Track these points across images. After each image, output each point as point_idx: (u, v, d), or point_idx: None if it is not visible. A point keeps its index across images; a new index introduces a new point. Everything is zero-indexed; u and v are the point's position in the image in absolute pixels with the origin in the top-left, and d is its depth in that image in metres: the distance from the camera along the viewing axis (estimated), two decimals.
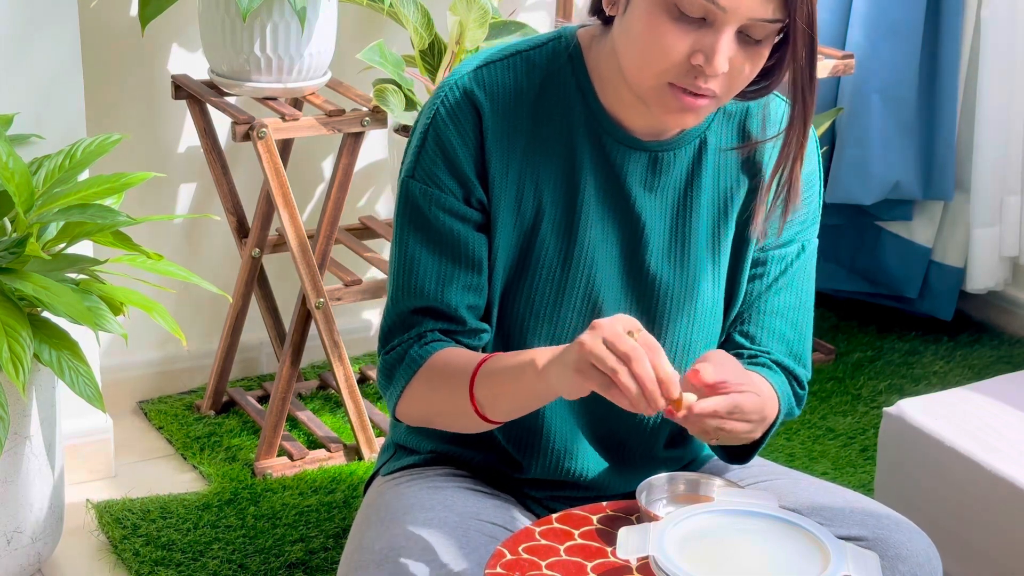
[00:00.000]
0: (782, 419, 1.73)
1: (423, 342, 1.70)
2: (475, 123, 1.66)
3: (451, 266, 1.69)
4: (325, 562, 2.44)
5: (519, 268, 1.71)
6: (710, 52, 1.53)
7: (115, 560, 2.48)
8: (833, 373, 3.22)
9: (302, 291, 2.72)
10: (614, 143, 1.69)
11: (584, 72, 1.68)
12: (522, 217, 1.69)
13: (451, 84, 1.68)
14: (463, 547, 1.65)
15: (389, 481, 1.83)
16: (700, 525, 1.52)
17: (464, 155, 1.67)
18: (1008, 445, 2.23)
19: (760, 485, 1.78)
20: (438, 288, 1.69)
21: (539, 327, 1.72)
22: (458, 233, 1.68)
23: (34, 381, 2.28)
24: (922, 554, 1.67)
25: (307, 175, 3.07)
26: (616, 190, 1.70)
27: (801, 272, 1.79)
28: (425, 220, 1.69)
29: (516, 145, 1.68)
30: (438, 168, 1.67)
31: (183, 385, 3.06)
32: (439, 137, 1.67)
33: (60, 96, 2.50)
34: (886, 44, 3.25)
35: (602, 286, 1.71)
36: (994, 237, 3.33)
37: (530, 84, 1.68)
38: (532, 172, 1.68)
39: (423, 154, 1.68)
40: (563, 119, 1.69)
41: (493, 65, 1.68)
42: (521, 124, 1.68)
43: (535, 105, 1.68)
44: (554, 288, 1.71)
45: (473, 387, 1.62)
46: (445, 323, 1.70)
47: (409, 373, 1.69)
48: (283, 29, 2.58)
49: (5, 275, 2.15)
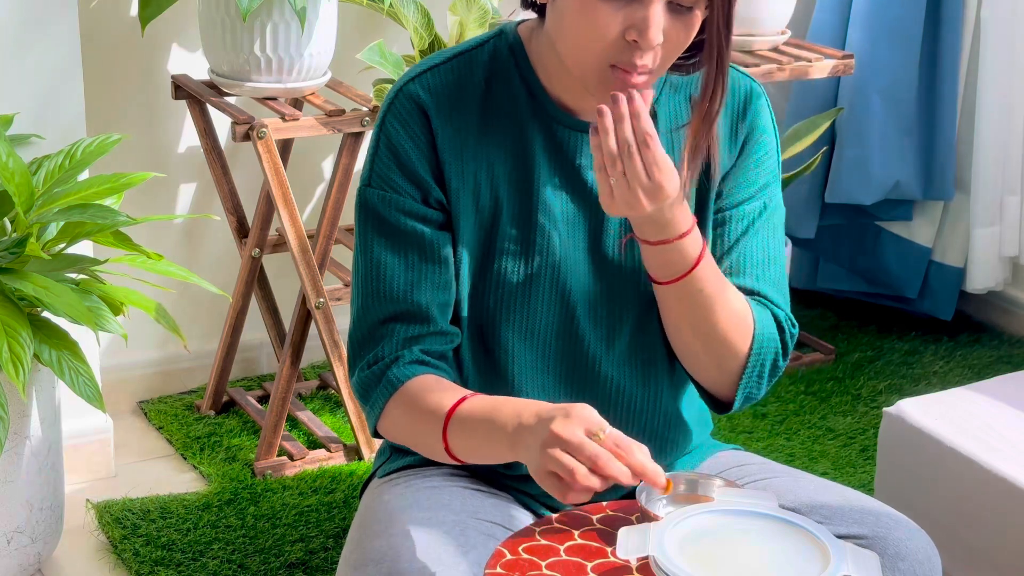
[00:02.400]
0: (765, 349, 1.72)
1: (401, 362, 1.70)
2: (424, 125, 1.69)
3: (418, 265, 1.71)
4: (325, 562, 2.44)
5: (484, 262, 1.73)
6: (643, 26, 1.56)
7: (115, 560, 2.48)
8: (833, 373, 3.22)
9: (302, 291, 2.72)
10: (564, 129, 1.71)
11: (527, 64, 1.71)
12: (481, 213, 1.72)
13: (397, 91, 1.71)
14: (462, 546, 1.65)
15: (386, 482, 1.83)
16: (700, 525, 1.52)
17: (417, 157, 1.70)
18: (1008, 445, 2.23)
19: (760, 484, 1.78)
20: (407, 289, 1.71)
21: (511, 317, 1.74)
22: (421, 232, 1.70)
23: (34, 381, 2.28)
24: (921, 552, 1.67)
25: (307, 175, 3.07)
26: (571, 175, 1.73)
27: (766, 225, 1.78)
28: (387, 225, 1.71)
29: (467, 143, 1.70)
30: (393, 173, 1.70)
31: (183, 385, 3.06)
32: (390, 143, 1.70)
33: (60, 96, 2.50)
34: (886, 44, 3.25)
35: (568, 271, 1.73)
36: (994, 237, 3.33)
37: (475, 82, 1.71)
38: (487, 167, 1.71)
39: (377, 161, 1.71)
40: (511, 112, 1.71)
41: (436, 69, 1.72)
42: (470, 121, 1.70)
43: (482, 102, 1.71)
44: (520, 278, 1.73)
45: (446, 433, 1.64)
46: (416, 326, 1.71)
47: (386, 395, 1.71)
48: (283, 29, 2.58)
49: (5, 275, 2.15)
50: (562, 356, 1.76)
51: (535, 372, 1.76)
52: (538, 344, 1.75)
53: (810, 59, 3.09)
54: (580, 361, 1.77)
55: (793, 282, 3.59)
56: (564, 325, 1.75)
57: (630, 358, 1.78)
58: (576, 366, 1.77)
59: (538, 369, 1.76)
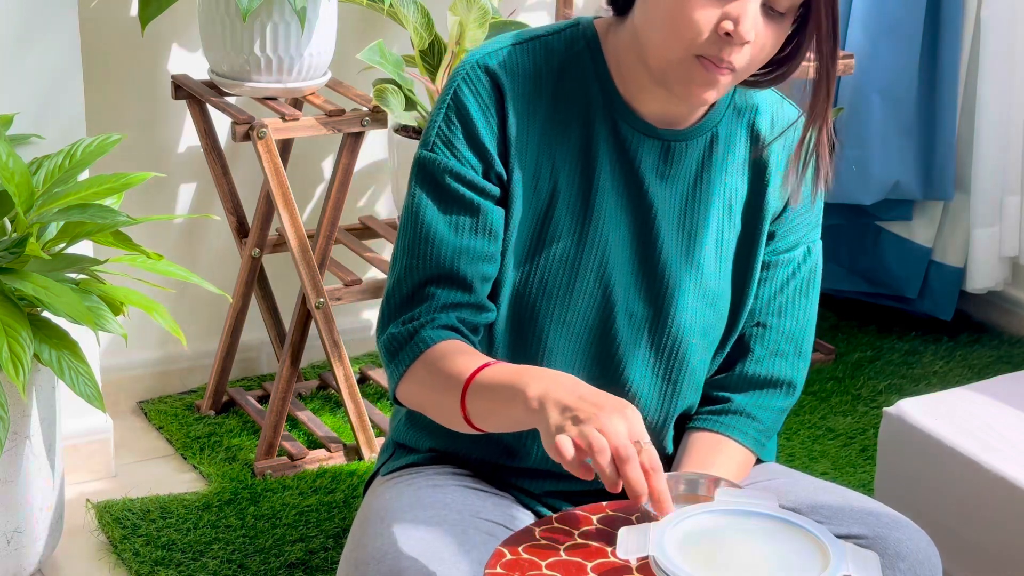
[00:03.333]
0: (763, 446, 1.82)
1: (434, 324, 1.69)
2: (497, 101, 1.69)
3: (468, 233, 1.70)
4: (325, 562, 2.44)
5: (533, 248, 1.73)
6: (737, 18, 1.58)
7: (115, 560, 2.48)
8: (833, 373, 3.22)
9: (302, 291, 2.72)
10: (629, 129, 1.72)
11: (602, 59, 1.72)
12: (538, 196, 1.72)
13: (473, 63, 1.71)
14: (463, 545, 1.65)
15: (388, 481, 1.83)
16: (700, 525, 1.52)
17: (485, 130, 1.69)
18: (1008, 445, 2.23)
19: (760, 485, 1.79)
20: (453, 256, 1.70)
21: (551, 308, 1.73)
22: (477, 204, 1.70)
23: (34, 381, 2.28)
24: (921, 552, 1.67)
25: (307, 175, 3.07)
26: (630, 175, 1.73)
27: (808, 277, 1.83)
28: (442, 190, 1.70)
29: (535, 126, 1.70)
30: (458, 141, 1.70)
31: (183, 385, 3.06)
32: (460, 112, 1.70)
33: (60, 96, 2.50)
34: (886, 44, 3.25)
35: (614, 269, 1.73)
36: (994, 237, 3.33)
37: (549, 68, 1.71)
38: (549, 153, 1.71)
39: (444, 127, 1.71)
40: (580, 103, 1.72)
41: (513, 48, 1.72)
42: (540, 106, 1.70)
43: (554, 88, 1.71)
44: (567, 269, 1.73)
45: (465, 398, 1.63)
46: (457, 292, 1.70)
47: (414, 354, 1.69)
48: (283, 29, 2.58)
49: (5, 275, 2.15)
50: (593, 353, 1.76)
51: (564, 364, 1.76)
52: (572, 337, 1.75)
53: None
54: (609, 361, 1.77)
55: None
56: (601, 323, 1.75)
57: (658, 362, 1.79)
58: (605, 365, 1.77)
59: (567, 362, 1.76)
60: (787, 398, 1.84)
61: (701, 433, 1.80)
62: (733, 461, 1.79)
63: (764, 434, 1.82)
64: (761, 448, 1.82)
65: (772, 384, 1.82)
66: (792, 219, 1.80)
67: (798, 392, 1.85)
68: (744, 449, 1.80)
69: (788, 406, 1.84)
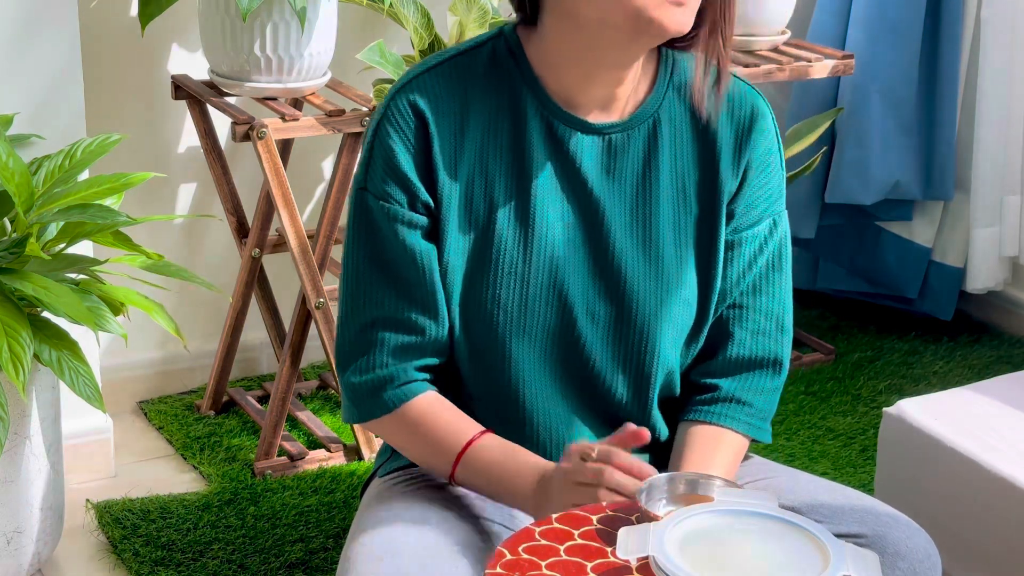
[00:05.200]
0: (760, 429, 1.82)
1: (396, 383, 1.72)
2: (418, 129, 1.69)
3: (406, 272, 1.71)
4: (325, 562, 2.44)
5: (480, 266, 1.73)
6: None
7: (115, 560, 2.48)
8: (833, 373, 3.23)
9: (302, 291, 2.72)
10: (566, 129, 1.71)
11: (527, 64, 1.71)
12: (475, 214, 1.71)
13: (393, 94, 1.71)
14: (463, 545, 1.65)
15: (387, 481, 1.83)
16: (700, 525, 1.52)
17: (407, 163, 1.69)
18: (1008, 445, 2.23)
19: (759, 483, 1.78)
20: (396, 300, 1.71)
21: (508, 321, 1.73)
22: (412, 241, 1.70)
23: (34, 381, 2.28)
24: (921, 551, 1.67)
25: (307, 175, 3.07)
26: (573, 175, 1.72)
27: (778, 255, 1.82)
28: (377, 231, 1.71)
29: (465, 145, 1.70)
30: (383, 177, 1.70)
31: (183, 385, 3.06)
32: (383, 148, 1.70)
33: (60, 96, 2.50)
34: (886, 44, 3.25)
35: (567, 274, 1.73)
36: (994, 237, 3.33)
37: (474, 83, 1.71)
38: (482, 169, 1.71)
39: (372, 165, 1.71)
40: (512, 112, 1.71)
41: (436, 70, 1.71)
42: (468, 123, 1.70)
43: (481, 103, 1.71)
44: (518, 280, 1.72)
45: (456, 466, 1.71)
46: (402, 334, 1.72)
47: (380, 410, 1.73)
48: (283, 29, 2.58)
49: (5, 275, 2.15)
50: (560, 356, 1.76)
51: (533, 372, 1.76)
52: (535, 344, 1.75)
53: (810, 59, 3.09)
54: (576, 361, 1.76)
55: (793, 282, 3.57)
56: (562, 325, 1.74)
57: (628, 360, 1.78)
58: (574, 366, 1.76)
59: (536, 369, 1.76)
60: (776, 377, 1.82)
61: (695, 427, 1.79)
62: (731, 451, 1.78)
63: (758, 417, 1.81)
64: (758, 431, 1.81)
65: (758, 365, 1.81)
66: (750, 194, 1.77)
67: (785, 368, 1.83)
68: (740, 436, 1.79)
69: (779, 385, 1.83)
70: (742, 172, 1.76)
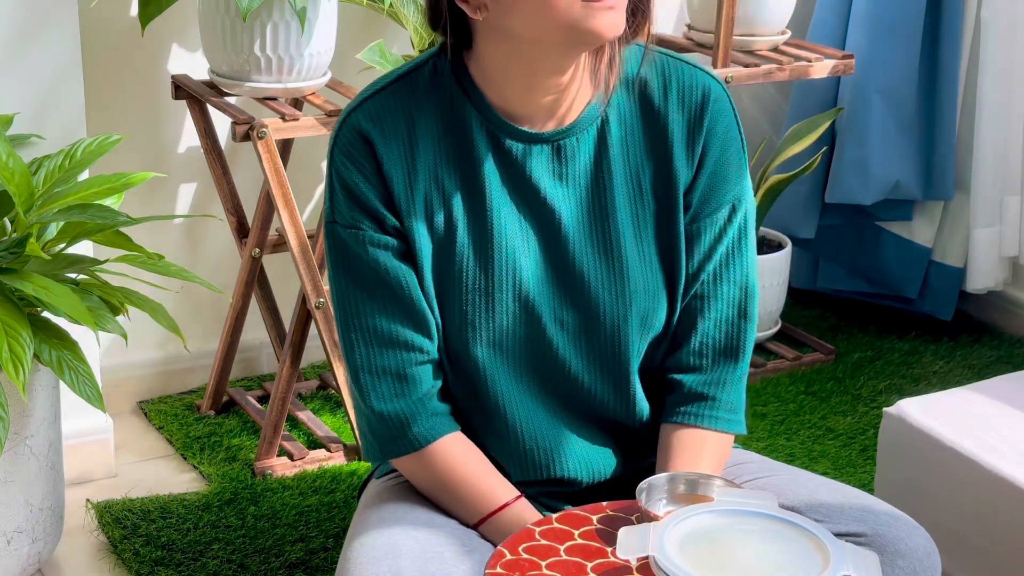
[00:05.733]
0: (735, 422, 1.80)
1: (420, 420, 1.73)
2: (369, 154, 1.69)
3: (393, 300, 1.71)
4: (325, 562, 2.44)
5: (446, 284, 1.73)
6: None
7: (115, 560, 2.48)
8: (833, 373, 3.23)
9: (302, 291, 2.72)
10: (513, 141, 1.71)
11: (470, 79, 1.71)
12: (436, 232, 1.72)
13: (341, 123, 1.72)
14: (463, 545, 1.65)
15: (386, 482, 1.83)
16: (700, 525, 1.52)
17: (366, 189, 1.70)
18: (1008, 445, 2.23)
19: (759, 482, 1.78)
20: (391, 323, 1.72)
21: (478, 336, 1.73)
22: (391, 266, 1.71)
23: (34, 381, 2.28)
24: (921, 549, 1.67)
25: (307, 175, 3.07)
26: (524, 186, 1.72)
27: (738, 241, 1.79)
28: (355, 259, 1.72)
29: (417, 165, 1.70)
30: (351, 207, 1.71)
31: (183, 385, 3.06)
32: (341, 178, 1.71)
33: (60, 96, 2.50)
34: (886, 44, 3.25)
35: (529, 284, 1.73)
36: (994, 237, 3.33)
37: (418, 104, 1.70)
38: (437, 187, 1.71)
39: (334, 197, 1.72)
40: (458, 130, 1.71)
41: (378, 95, 1.71)
42: (417, 144, 1.70)
43: (427, 123, 1.70)
44: (482, 295, 1.72)
45: (484, 521, 1.72)
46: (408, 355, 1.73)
47: (405, 451, 1.74)
48: (283, 29, 2.58)
49: (5, 275, 2.15)
50: (533, 364, 1.76)
51: (509, 383, 1.76)
52: (508, 354, 1.75)
53: (810, 59, 3.09)
54: (551, 367, 1.76)
55: (793, 282, 3.59)
56: (531, 333, 1.74)
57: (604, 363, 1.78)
58: (549, 373, 1.76)
59: (511, 379, 1.76)
60: (738, 367, 1.80)
61: (677, 431, 1.78)
62: (715, 451, 1.78)
63: (729, 410, 1.79)
64: (730, 424, 1.79)
65: (722, 354, 1.79)
66: (707, 180, 1.75)
67: (747, 356, 1.81)
68: (719, 434, 1.79)
69: (742, 374, 1.81)
70: (697, 159, 1.74)
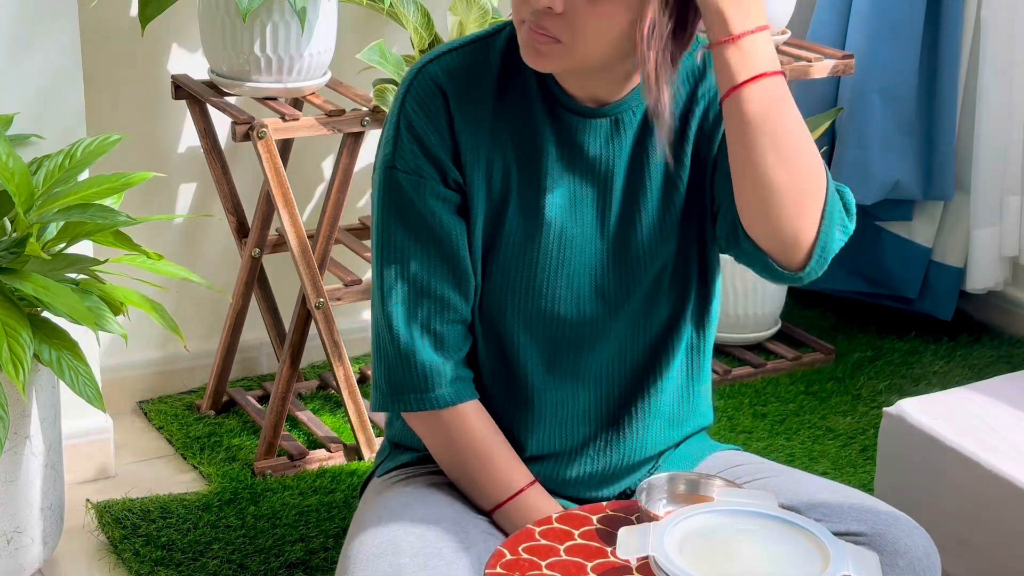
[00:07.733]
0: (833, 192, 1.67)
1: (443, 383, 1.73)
2: (443, 107, 1.71)
3: (441, 254, 1.72)
4: (325, 562, 2.44)
5: (491, 245, 1.75)
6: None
7: (115, 560, 2.48)
8: (833, 373, 3.23)
9: (302, 291, 2.72)
10: (568, 113, 1.73)
11: None
12: (492, 193, 1.73)
13: (416, 72, 1.73)
14: (463, 542, 1.65)
15: (386, 480, 1.83)
16: (700, 525, 1.52)
17: (436, 140, 1.71)
18: (1008, 445, 2.23)
19: (759, 482, 1.79)
20: (434, 277, 1.72)
21: (516, 297, 1.75)
22: (446, 219, 1.72)
23: (34, 381, 2.28)
24: (920, 549, 1.67)
25: (307, 175, 3.07)
26: (577, 156, 1.74)
27: None
28: (410, 207, 1.72)
29: (482, 126, 1.72)
30: (415, 155, 1.71)
31: (183, 385, 3.06)
32: (411, 125, 1.71)
33: (60, 96, 2.50)
34: (886, 44, 3.25)
35: (574, 251, 1.75)
36: (994, 237, 3.33)
37: (491, 67, 1.73)
38: (499, 149, 1.73)
39: (399, 143, 1.72)
40: (522, 97, 1.73)
41: (455, 52, 1.74)
42: (486, 105, 1.72)
43: (496, 86, 1.73)
44: (527, 258, 1.74)
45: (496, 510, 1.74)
46: (444, 312, 1.73)
47: (423, 407, 1.74)
48: (283, 29, 2.58)
49: (5, 275, 2.15)
50: (569, 335, 1.77)
51: (540, 353, 1.77)
52: (544, 323, 1.76)
53: (810, 59, 3.09)
54: (587, 340, 1.77)
55: None
56: (570, 304, 1.76)
57: (636, 335, 1.79)
58: (583, 345, 1.77)
59: (543, 350, 1.77)
60: None
61: None
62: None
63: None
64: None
65: None
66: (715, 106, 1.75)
67: None
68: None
69: None
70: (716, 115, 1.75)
